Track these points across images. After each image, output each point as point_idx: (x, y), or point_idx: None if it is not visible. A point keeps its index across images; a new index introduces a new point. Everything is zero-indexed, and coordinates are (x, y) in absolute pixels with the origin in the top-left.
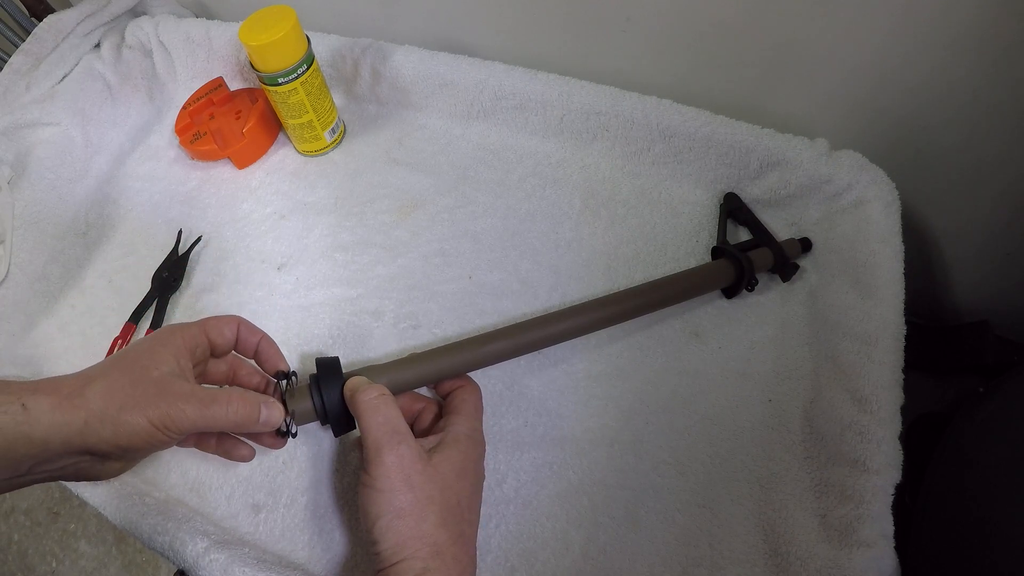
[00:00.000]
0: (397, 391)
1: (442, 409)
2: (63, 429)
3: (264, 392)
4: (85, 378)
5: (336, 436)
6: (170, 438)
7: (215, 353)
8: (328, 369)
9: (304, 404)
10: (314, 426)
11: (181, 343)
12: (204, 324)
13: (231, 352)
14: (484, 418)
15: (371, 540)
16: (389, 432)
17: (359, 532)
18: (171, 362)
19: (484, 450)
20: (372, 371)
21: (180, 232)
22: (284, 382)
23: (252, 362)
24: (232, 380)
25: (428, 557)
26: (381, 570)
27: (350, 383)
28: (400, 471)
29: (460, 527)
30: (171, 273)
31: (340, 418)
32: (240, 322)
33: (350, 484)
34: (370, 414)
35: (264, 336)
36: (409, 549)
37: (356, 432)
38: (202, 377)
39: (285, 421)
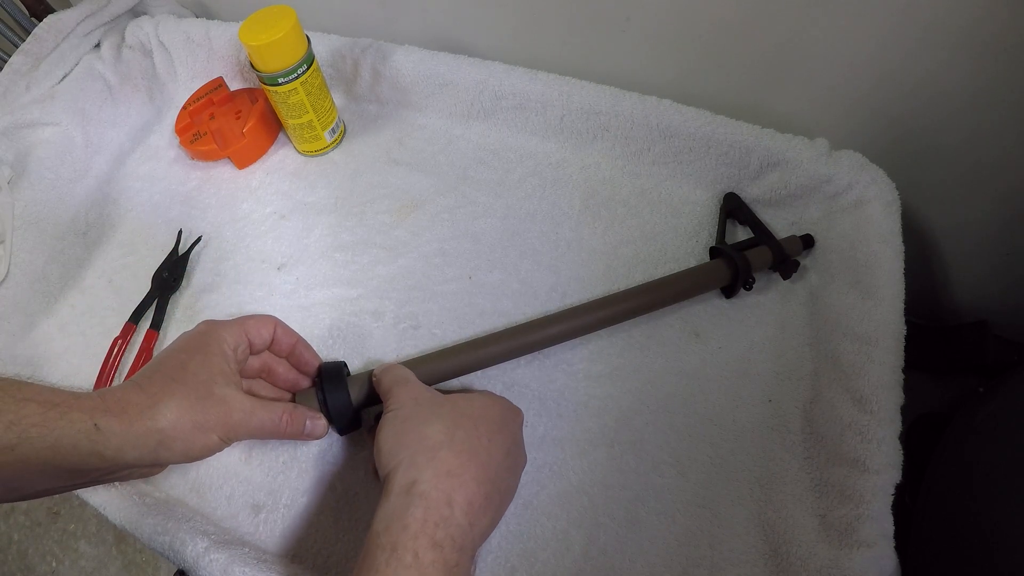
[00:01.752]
0: None
1: None
2: (136, 449)
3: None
4: (149, 396)
5: (341, 435)
6: (229, 445)
7: (251, 352)
8: (332, 372)
9: (311, 404)
10: None
11: (226, 348)
12: (244, 325)
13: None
14: None
15: (377, 453)
16: (402, 379)
17: (359, 532)
18: (226, 372)
19: (513, 408)
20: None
21: (180, 232)
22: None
23: (285, 361)
24: (267, 377)
25: (424, 464)
26: (384, 482)
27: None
28: (409, 395)
29: (471, 445)
30: (171, 273)
31: (345, 418)
32: (276, 323)
33: (350, 485)
34: (386, 374)
35: (300, 339)
36: (405, 450)
37: (358, 433)
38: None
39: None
